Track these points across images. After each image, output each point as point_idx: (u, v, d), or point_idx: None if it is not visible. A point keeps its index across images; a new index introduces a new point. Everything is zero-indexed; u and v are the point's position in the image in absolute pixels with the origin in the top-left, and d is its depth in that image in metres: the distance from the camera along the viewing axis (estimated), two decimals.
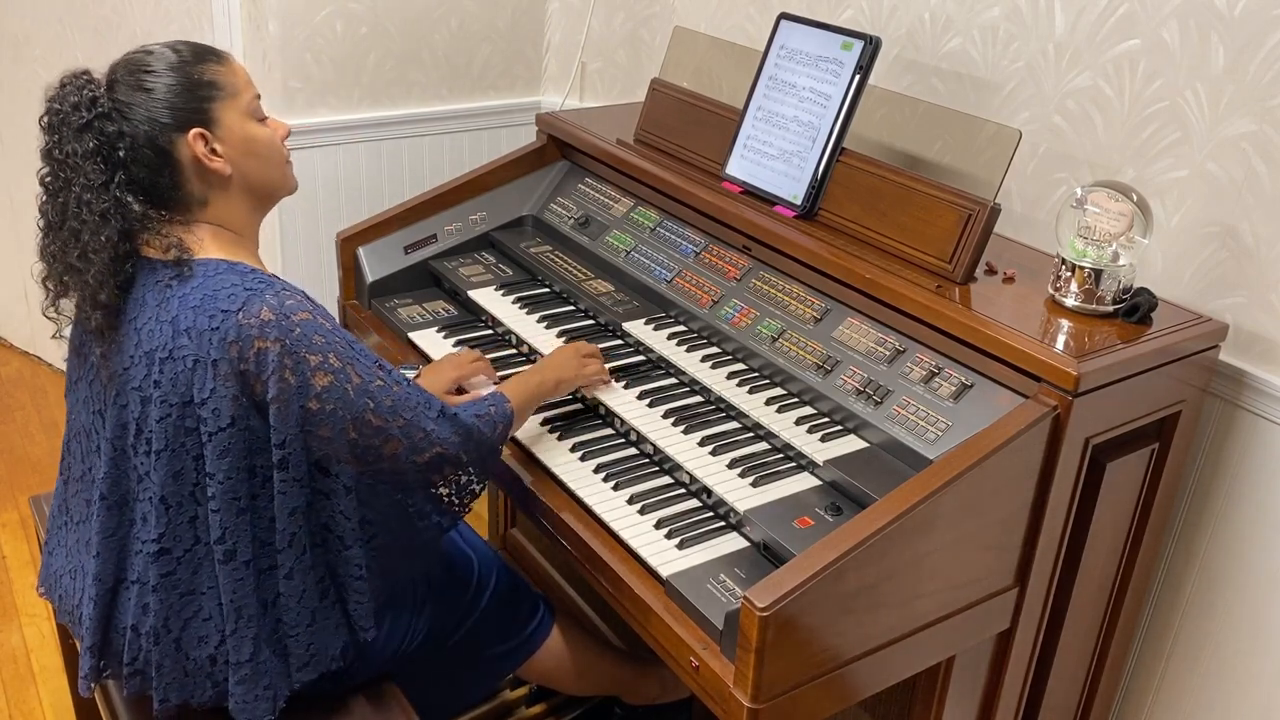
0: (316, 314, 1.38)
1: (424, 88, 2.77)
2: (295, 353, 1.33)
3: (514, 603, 1.83)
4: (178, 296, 1.36)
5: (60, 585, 1.57)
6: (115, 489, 1.42)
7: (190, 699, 1.44)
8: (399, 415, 1.41)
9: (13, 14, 3.01)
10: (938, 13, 2.01)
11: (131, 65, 1.41)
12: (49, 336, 1.60)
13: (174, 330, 1.35)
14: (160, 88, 1.39)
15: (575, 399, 1.82)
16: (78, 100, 1.37)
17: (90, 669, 1.47)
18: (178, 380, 1.34)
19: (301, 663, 1.44)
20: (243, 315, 1.33)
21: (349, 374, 1.37)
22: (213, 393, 1.33)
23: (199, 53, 1.44)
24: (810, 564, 1.26)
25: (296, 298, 1.38)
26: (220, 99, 1.42)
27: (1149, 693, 1.94)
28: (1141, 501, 1.65)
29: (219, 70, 1.43)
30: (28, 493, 2.84)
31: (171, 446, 1.36)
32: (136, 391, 1.38)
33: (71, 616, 1.55)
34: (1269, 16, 1.57)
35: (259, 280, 1.38)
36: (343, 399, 1.36)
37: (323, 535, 1.42)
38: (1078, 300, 1.58)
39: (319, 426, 1.36)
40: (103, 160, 1.36)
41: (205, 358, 1.33)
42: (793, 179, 1.88)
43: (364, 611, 1.46)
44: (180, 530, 1.38)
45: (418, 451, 1.44)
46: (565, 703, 2.12)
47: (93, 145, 1.36)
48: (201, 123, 1.40)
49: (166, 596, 1.39)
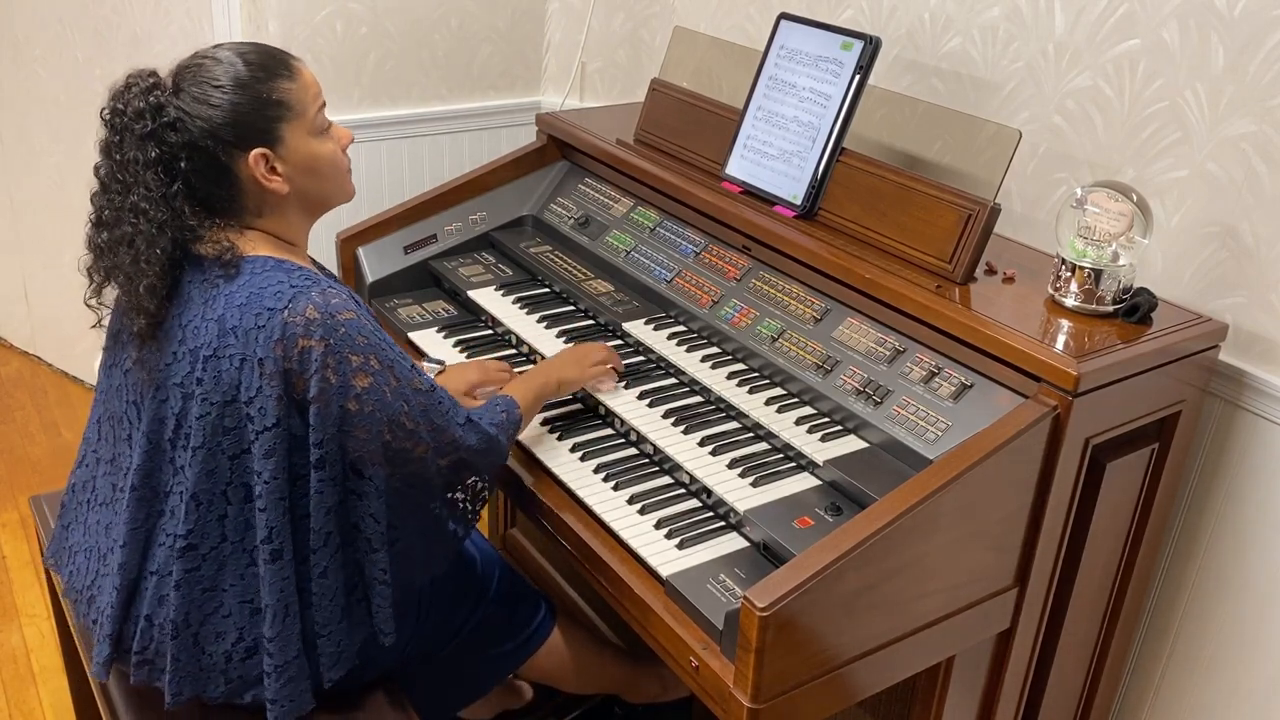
0: (361, 314, 1.39)
1: (424, 88, 2.77)
2: (339, 352, 1.34)
3: (515, 602, 1.83)
4: (224, 294, 1.37)
5: (73, 561, 1.57)
6: (147, 481, 1.42)
7: (203, 693, 1.44)
8: (430, 419, 1.42)
9: (13, 14, 3.01)
10: (938, 13, 2.01)
11: (200, 75, 1.38)
12: (51, 337, 1.60)
13: (220, 329, 1.35)
14: (227, 105, 1.37)
15: (575, 399, 1.83)
16: (143, 106, 1.35)
17: (108, 656, 1.47)
18: (221, 379, 1.35)
19: (331, 661, 1.45)
20: (288, 314, 1.33)
21: (388, 376, 1.38)
22: (259, 392, 1.34)
23: (269, 67, 1.41)
24: (810, 564, 1.26)
25: (341, 296, 1.38)
26: (287, 119, 1.41)
27: (1149, 693, 1.94)
28: (1141, 501, 1.65)
29: (288, 88, 1.41)
30: (28, 493, 2.84)
31: (208, 445, 1.36)
32: (178, 388, 1.38)
33: (80, 596, 1.55)
34: (1269, 16, 1.57)
35: (305, 278, 1.38)
36: (381, 401, 1.37)
37: (352, 535, 1.43)
38: (1078, 300, 1.58)
39: (356, 427, 1.36)
40: (164, 170, 1.36)
41: (252, 356, 1.34)
42: (793, 179, 1.88)
43: (385, 616, 1.46)
44: (209, 528, 1.39)
45: (442, 455, 1.45)
46: (565, 702, 2.12)
47: (155, 154, 1.35)
48: (266, 143, 1.40)
49: (189, 592, 1.40)
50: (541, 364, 1.75)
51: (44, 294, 3.39)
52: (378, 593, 1.45)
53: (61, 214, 3.13)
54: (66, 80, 2.96)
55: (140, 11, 2.73)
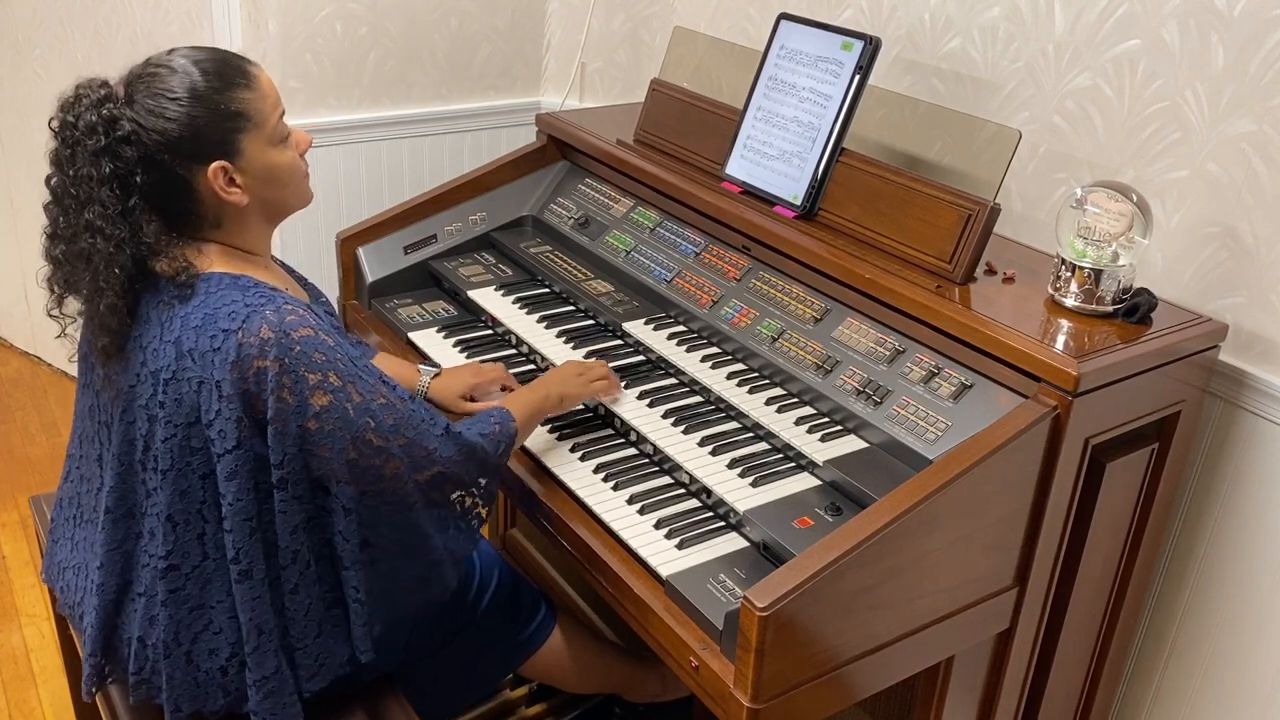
0: (320, 330, 1.35)
1: (424, 88, 2.77)
2: (294, 371, 1.31)
3: (516, 601, 1.83)
4: (180, 316, 1.34)
5: (63, 578, 1.57)
6: (122, 503, 1.41)
7: (203, 708, 1.44)
8: (400, 434, 1.39)
9: (13, 14, 3.01)
10: (938, 13, 2.01)
11: (154, 85, 1.34)
12: (51, 336, 1.60)
13: (177, 351, 1.33)
14: (184, 118, 1.32)
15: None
16: (95, 120, 1.31)
17: (92, 676, 1.47)
18: (183, 401, 1.33)
19: (310, 673, 1.44)
20: (242, 334, 1.31)
21: (349, 393, 1.35)
22: (218, 414, 1.32)
23: (226, 75, 1.36)
24: (810, 564, 1.26)
25: (298, 313, 1.34)
26: (245, 130, 1.37)
27: (1149, 693, 1.94)
28: (1141, 501, 1.65)
29: (247, 98, 1.37)
30: (28, 493, 2.84)
31: (177, 466, 1.35)
32: (143, 410, 1.37)
33: (72, 611, 1.55)
34: (1269, 16, 1.57)
35: (260, 295, 1.35)
36: (342, 418, 1.34)
37: (326, 552, 1.41)
38: (1077, 300, 1.58)
39: (318, 446, 1.34)
40: (119, 186, 1.32)
41: (210, 379, 1.32)
42: (793, 179, 1.88)
43: (361, 634, 1.44)
44: (188, 546, 1.38)
45: (418, 469, 1.42)
46: (565, 702, 2.12)
47: (109, 170, 1.30)
48: (224, 155, 1.36)
49: (176, 611, 1.39)
50: (543, 377, 1.73)
51: (44, 294, 3.38)
52: (353, 611, 1.43)
53: None
54: (66, 80, 2.95)
55: (140, 11, 2.73)
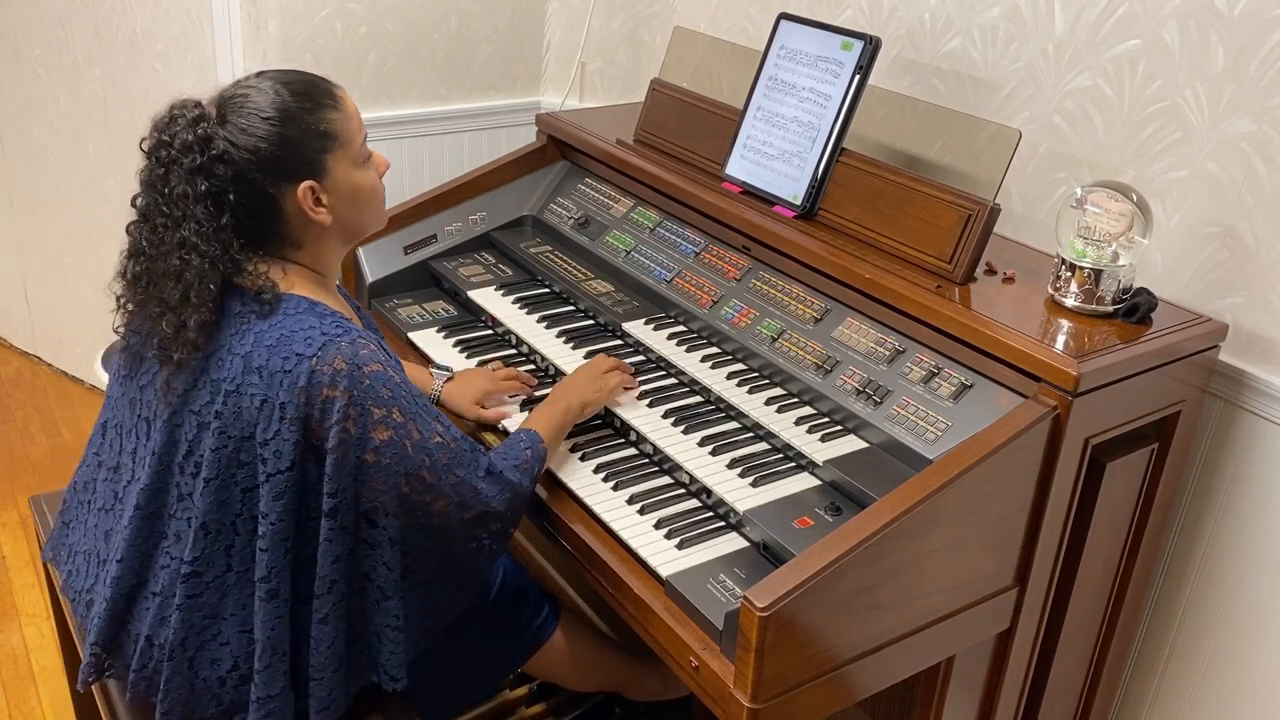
0: (388, 366, 1.37)
1: (424, 88, 2.76)
2: (361, 404, 1.33)
3: (518, 601, 1.83)
4: (254, 331, 1.35)
5: (72, 560, 1.57)
6: (153, 501, 1.42)
7: (193, 714, 1.44)
8: (452, 473, 1.41)
9: (13, 14, 3.01)
10: (938, 13, 2.01)
11: (245, 105, 1.37)
12: (51, 336, 1.60)
13: (246, 365, 1.34)
14: (275, 137, 1.36)
15: None
16: (191, 139, 1.33)
17: (91, 665, 1.47)
18: (240, 415, 1.34)
19: (321, 705, 1.43)
20: (316, 361, 1.32)
21: (410, 430, 1.36)
22: (276, 434, 1.32)
23: (315, 97, 1.40)
24: (810, 564, 1.26)
25: (370, 348, 1.36)
26: (333, 150, 1.40)
27: (1149, 693, 1.94)
28: (1141, 501, 1.65)
29: (334, 119, 1.41)
30: (28, 493, 2.84)
31: (222, 476, 1.35)
32: (195, 415, 1.37)
33: (78, 596, 1.55)
34: (1269, 16, 1.57)
35: (336, 325, 1.36)
36: (400, 454, 1.35)
37: (361, 584, 1.41)
38: (1077, 300, 1.58)
39: (372, 479, 1.35)
40: (213, 204, 1.34)
41: (274, 399, 1.32)
42: (792, 179, 1.88)
43: (397, 661, 1.45)
44: (215, 556, 1.38)
45: (466, 509, 1.44)
46: (565, 702, 2.12)
47: (204, 188, 1.33)
48: (312, 174, 1.39)
49: (189, 616, 1.39)
50: (560, 388, 1.71)
51: (44, 294, 3.39)
52: (389, 639, 1.43)
53: (61, 214, 3.12)
54: (66, 80, 2.96)
55: (140, 11, 2.73)
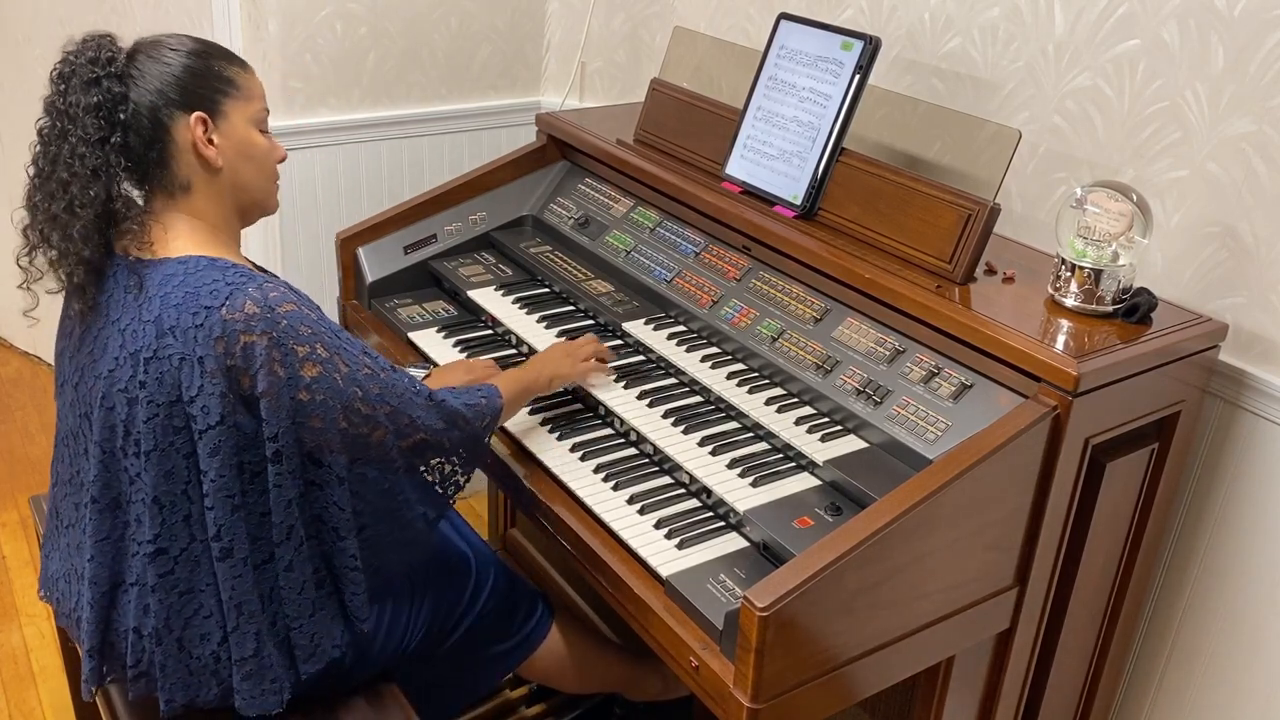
0: (301, 304, 1.38)
1: (424, 88, 2.76)
2: (283, 344, 1.33)
3: (513, 601, 1.83)
4: (159, 295, 1.36)
5: (57, 589, 1.57)
6: (106, 491, 1.41)
7: (196, 698, 1.44)
8: (386, 402, 1.42)
9: (13, 14, 3.01)
10: (938, 13, 2.01)
11: (157, 41, 1.44)
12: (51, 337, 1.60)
13: (158, 330, 1.34)
14: (177, 65, 1.41)
15: (575, 398, 1.82)
16: (94, 56, 1.39)
17: (91, 672, 1.47)
18: (164, 379, 1.34)
19: (306, 654, 1.45)
20: (226, 310, 1.32)
21: (336, 363, 1.37)
22: (201, 390, 1.33)
23: (227, 55, 1.47)
24: (810, 564, 1.26)
25: (280, 290, 1.37)
26: (232, 96, 1.45)
27: (1149, 693, 1.94)
28: (1141, 501, 1.65)
29: (239, 73, 1.47)
30: (28, 493, 2.84)
31: (160, 446, 1.35)
32: (123, 393, 1.37)
33: (70, 620, 1.55)
34: (1269, 16, 1.57)
35: (240, 275, 1.37)
36: (332, 388, 1.36)
37: (316, 527, 1.43)
38: (1077, 300, 1.58)
39: (310, 417, 1.36)
40: (104, 118, 1.38)
41: (191, 355, 1.33)
42: (793, 179, 1.88)
43: (359, 602, 1.46)
44: (176, 530, 1.38)
45: (402, 436, 1.45)
46: (565, 702, 2.12)
47: (96, 100, 1.37)
48: (207, 110, 1.42)
49: (166, 596, 1.40)
50: (533, 358, 1.76)
51: (44, 294, 3.38)
52: (350, 579, 1.45)
53: None
54: None
55: (140, 11, 2.73)
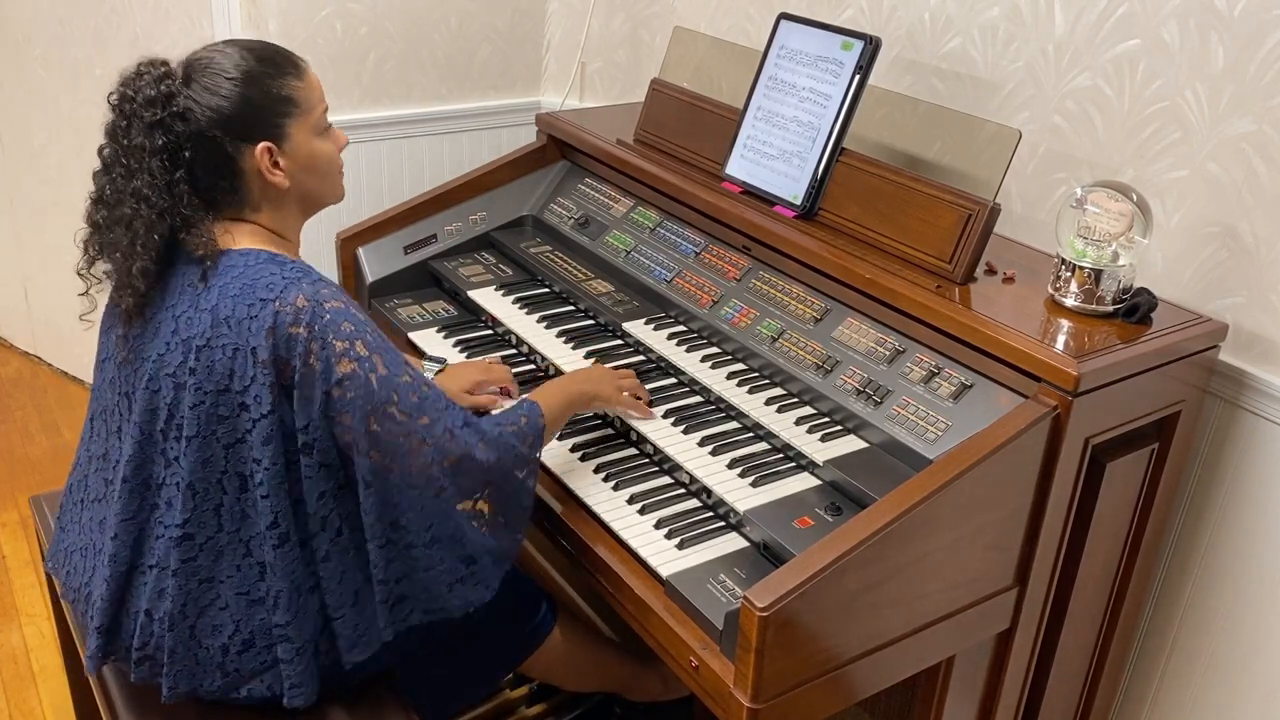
0: (350, 305, 1.41)
1: (424, 88, 2.76)
2: (322, 338, 1.35)
3: (515, 600, 1.82)
4: (217, 286, 1.39)
5: (69, 561, 1.58)
6: (139, 472, 1.43)
7: (199, 687, 1.45)
8: (423, 413, 1.41)
9: (13, 14, 3.01)
10: (938, 13, 2.01)
11: (211, 67, 1.42)
12: (51, 337, 1.61)
13: (213, 319, 1.37)
14: (237, 97, 1.40)
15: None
16: (154, 94, 1.38)
17: (98, 649, 1.48)
18: (214, 368, 1.37)
19: (350, 643, 1.45)
20: (279, 303, 1.36)
21: (374, 363, 1.38)
22: (253, 380, 1.36)
23: (279, 64, 1.45)
24: (810, 564, 1.26)
25: (331, 288, 1.40)
26: (293, 115, 1.45)
27: (1149, 693, 1.94)
28: (1141, 501, 1.65)
29: (297, 85, 1.46)
30: (28, 493, 2.83)
31: (203, 433, 1.37)
32: (170, 378, 1.40)
33: (77, 595, 1.56)
34: (1269, 16, 1.57)
35: (297, 270, 1.41)
36: (365, 387, 1.37)
37: (355, 523, 1.43)
38: (1078, 300, 1.58)
39: (339, 413, 1.37)
40: (169, 158, 1.39)
41: (245, 346, 1.36)
42: (793, 179, 1.88)
43: (382, 612, 1.45)
44: (205, 517, 1.40)
45: (444, 454, 1.42)
46: (565, 702, 2.12)
47: (161, 143, 1.38)
48: (271, 137, 1.43)
49: (185, 582, 1.41)
50: (573, 373, 1.72)
51: (44, 294, 3.39)
52: (376, 589, 1.43)
53: (61, 214, 3.12)
54: (66, 80, 2.96)
55: (140, 11, 2.73)
